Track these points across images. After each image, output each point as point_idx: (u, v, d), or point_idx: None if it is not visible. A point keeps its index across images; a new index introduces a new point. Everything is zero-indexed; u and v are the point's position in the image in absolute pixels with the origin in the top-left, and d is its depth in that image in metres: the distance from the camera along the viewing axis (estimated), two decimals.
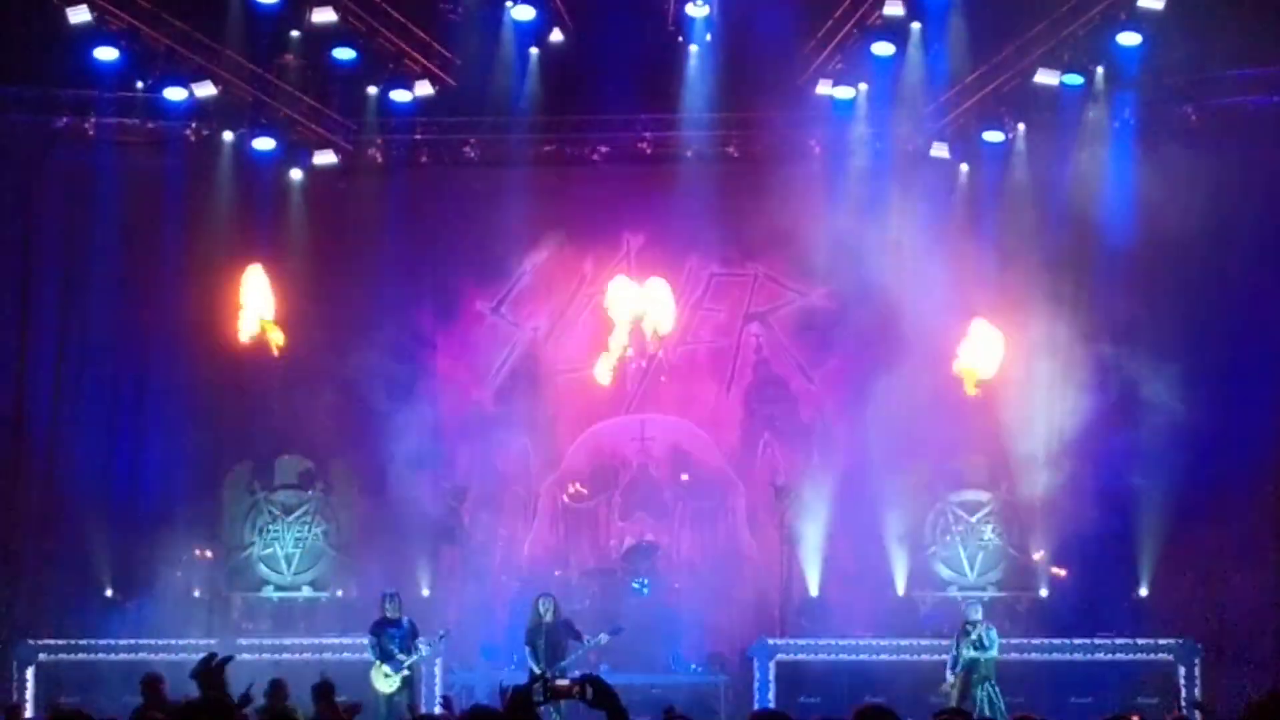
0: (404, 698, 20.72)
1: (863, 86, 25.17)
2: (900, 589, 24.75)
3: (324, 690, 16.13)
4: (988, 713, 19.77)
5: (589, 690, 6.98)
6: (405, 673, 20.75)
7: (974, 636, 20.66)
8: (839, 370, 26.20)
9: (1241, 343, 24.41)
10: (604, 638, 21.12)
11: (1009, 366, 24.71)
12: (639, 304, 27.04)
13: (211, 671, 10.59)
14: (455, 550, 25.84)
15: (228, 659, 10.66)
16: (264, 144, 25.64)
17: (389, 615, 21.05)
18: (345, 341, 25.47)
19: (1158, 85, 24.38)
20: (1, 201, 25.63)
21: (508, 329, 27.31)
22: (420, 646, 20.92)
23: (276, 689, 15.41)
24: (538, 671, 19.93)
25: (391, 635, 20.88)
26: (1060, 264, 24.69)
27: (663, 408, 27.14)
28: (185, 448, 25.30)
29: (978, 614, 21.05)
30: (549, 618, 21.08)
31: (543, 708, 7.64)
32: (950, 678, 20.63)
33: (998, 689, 20.50)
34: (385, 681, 20.74)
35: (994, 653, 20.77)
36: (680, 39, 25.40)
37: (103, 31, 23.41)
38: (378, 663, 20.80)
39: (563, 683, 7.12)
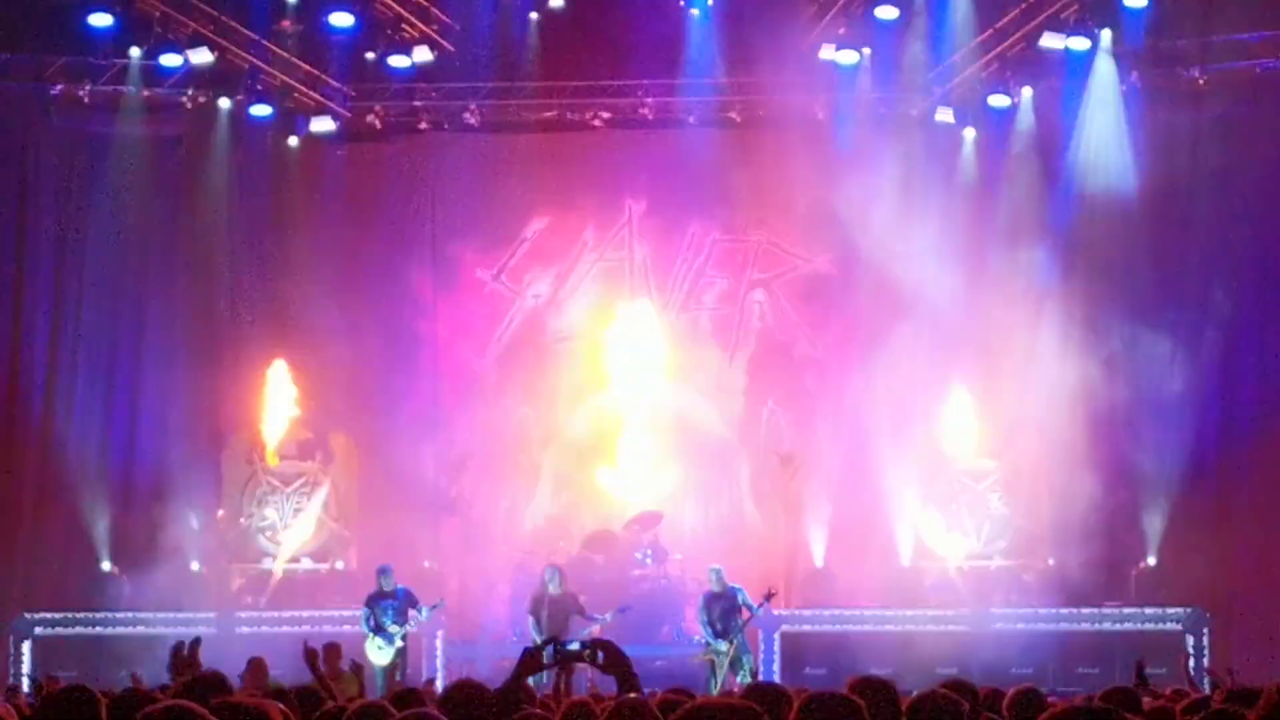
0: (398, 668, 20.55)
1: (866, 51, 24.98)
2: (905, 559, 24.57)
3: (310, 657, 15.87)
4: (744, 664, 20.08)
5: (600, 654, 6.89)
6: (399, 644, 20.59)
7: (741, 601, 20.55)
8: (843, 337, 25.96)
9: (1246, 306, 24.39)
10: (610, 616, 20.97)
11: (1014, 332, 24.49)
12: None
13: (184, 658, 10.57)
14: (456, 521, 25.69)
15: (197, 641, 10.57)
16: (261, 111, 25.49)
17: (383, 589, 20.90)
18: (344, 310, 25.29)
19: (1164, 48, 24.21)
20: None
21: (508, 296, 27.09)
22: (414, 614, 20.75)
23: (254, 669, 15.03)
24: (539, 642, 19.74)
25: (385, 607, 20.75)
26: (1066, 228, 24.55)
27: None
28: (183, 418, 25.12)
29: (719, 583, 20.90)
30: (554, 590, 20.95)
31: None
32: (724, 646, 20.31)
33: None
34: (379, 654, 20.63)
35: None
36: (682, 3, 25.17)
37: None
38: (370, 635, 20.67)
39: (574, 647, 7.06)
